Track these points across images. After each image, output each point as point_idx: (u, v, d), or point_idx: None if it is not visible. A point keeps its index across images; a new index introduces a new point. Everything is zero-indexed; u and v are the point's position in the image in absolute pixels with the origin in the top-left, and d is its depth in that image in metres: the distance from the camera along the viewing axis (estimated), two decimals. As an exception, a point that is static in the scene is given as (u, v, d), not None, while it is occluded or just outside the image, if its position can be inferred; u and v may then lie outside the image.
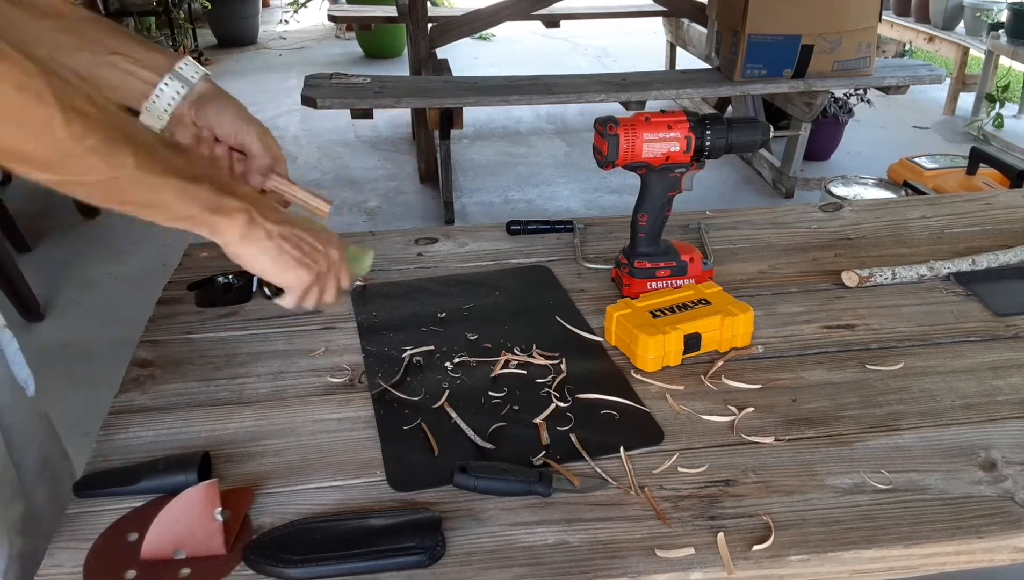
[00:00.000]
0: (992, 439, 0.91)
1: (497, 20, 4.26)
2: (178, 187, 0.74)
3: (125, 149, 0.69)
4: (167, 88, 0.93)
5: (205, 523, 0.76)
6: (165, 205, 0.75)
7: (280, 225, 0.83)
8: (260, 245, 0.82)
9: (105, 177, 0.69)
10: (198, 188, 0.76)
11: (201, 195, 0.77)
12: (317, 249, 0.87)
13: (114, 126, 0.69)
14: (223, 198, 0.78)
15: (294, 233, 0.85)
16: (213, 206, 0.78)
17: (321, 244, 0.87)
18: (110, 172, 0.69)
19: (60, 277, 3.17)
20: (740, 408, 0.96)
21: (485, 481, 0.82)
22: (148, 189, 0.73)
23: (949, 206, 1.51)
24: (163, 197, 0.74)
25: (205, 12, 6.48)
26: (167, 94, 0.93)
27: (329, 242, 0.89)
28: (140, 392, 1.00)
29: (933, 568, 0.79)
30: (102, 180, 0.69)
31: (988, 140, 4.48)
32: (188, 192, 0.76)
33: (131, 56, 0.92)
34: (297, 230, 0.85)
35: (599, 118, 1.12)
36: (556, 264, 1.30)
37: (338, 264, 0.90)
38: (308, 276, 0.86)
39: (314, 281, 0.87)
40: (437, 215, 3.68)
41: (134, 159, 0.70)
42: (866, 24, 3.47)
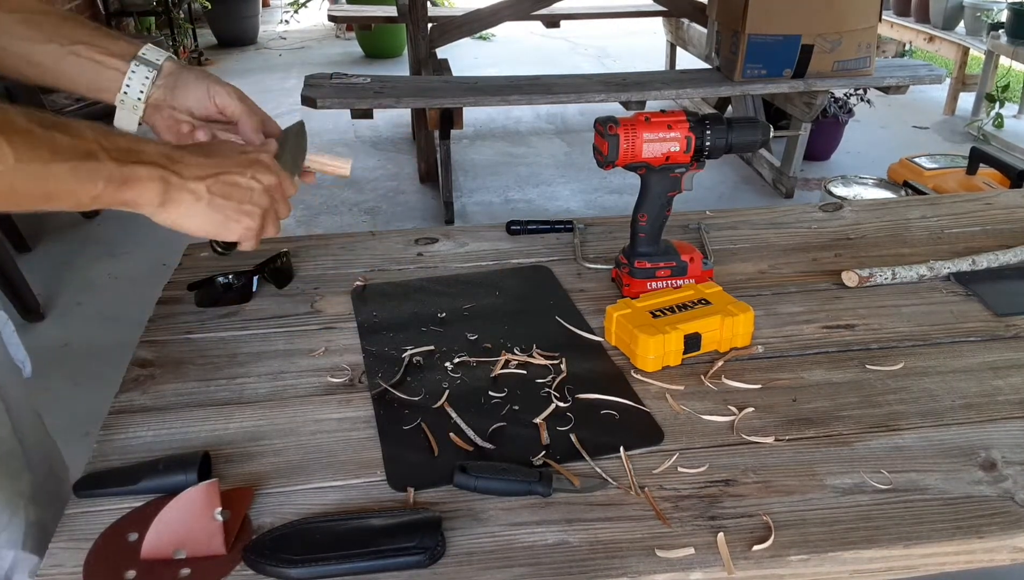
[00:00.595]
0: (992, 439, 0.91)
1: (497, 20, 4.26)
2: (71, 169, 0.69)
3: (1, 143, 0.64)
4: (135, 75, 0.90)
5: (205, 523, 0.76)
6: (64, 192, 0.69)
7: (204, 179, 0.78)
8: (187, 208, 0.77)
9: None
10: (94, 165, 0.70)
11: (100, 171, 0.71)
12: (252, 187, 0.81)
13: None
14: (127, 168, 0.72)
15: (222, 182, 0.79)
16: (119, 179, 0.72)
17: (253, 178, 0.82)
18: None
19: (60, 277, 3.17)
20: (740, 408, 0.96)
21: (485, 481, 0.82)
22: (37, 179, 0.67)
23: (949, 206, 1.51)
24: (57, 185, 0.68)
25: (205, 12, 6.48)
26: (136, 81, 0.90)
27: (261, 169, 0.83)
28: (140, 392, 1.00)
29: (933, 568, 0.79)
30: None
31: (988, 140, 4.48)
32: (84, 172, 0.70)
33: (94, 45, 0.90)
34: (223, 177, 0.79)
35: (599, 118, 1.12)
36: (556, 264, 1.30)
37: (276, 187, 0.84)
38: (253, 223, 0.81)
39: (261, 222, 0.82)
40: (437, 215, 3.68)
41: (12, 150, 0.65)
42: (866, 24, 3.47)
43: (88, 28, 0.91)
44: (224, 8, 6.49)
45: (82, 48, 0.89)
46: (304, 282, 1.25)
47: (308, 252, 1.33)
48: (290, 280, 1.25)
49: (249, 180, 0.81)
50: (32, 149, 0.66)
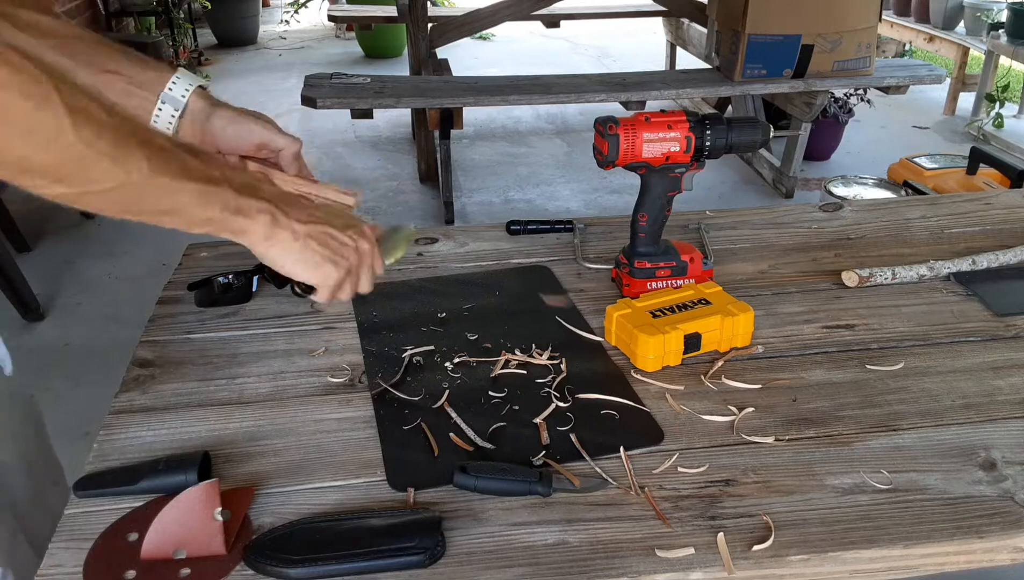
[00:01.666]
0: (992, 439, 0.91)
1: (497, 20, 4.26)
2: (196, 190, 0.72)
3: (138, 152, 0.67)
4: (162, 112, 0.92)
5: (205, 523, 0.76)
6: (183, 209, 0.73)
7: (306, 224, 0.82)
8: (285, 245, 0.80)
9: (119, 183, 0.67)
10: (217, 190, 0.74)
11: (220, 197, 0.75)
12: (346, 244, 0.85)
13: (125, 129, 0.67)
14: (244, 199, 0.76)
15: (321, 231, 0.83)
16: (234, 208, 0.76)
17: (350, 238, 0.86)
18: (124, 177, 0.67)
19: (60, 277, 3.17)
20: (740, 408, 0.96)
21: (485, 481, 0.82)
22: (164, 193, 0.71)
23: (949, 206, 1.51)
24: (181, 201, 0.72)
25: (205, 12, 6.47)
26: (163, 119, 0.92)
27: (359, 234, 0.87)
28: (140, 392, 1.00)
29: (933, 568, 0.79)
30: (116, 186, 0.67)
31: (988, 140, 4.48)
32: (206, 194, 0.73)
33: (123, 75, 0.91)
34: (325, 227, 0.83)
35: (599, 118, 1.12)
36: (556, 264, 1.30)
37: (368, 254, 0.88)
38: (337, 273, 0.85)
39: (344, 276, 0.86)
40: (437, 215, 3.68)
41: (147, 162, 0.68)
42: (866, 24, 3.46)
43: (119, 55, 0.92)
44: (224, 8, 6.48)
45: (112, 77, 0.90)
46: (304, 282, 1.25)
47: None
48: (290, 279, 1.24)
49: (345, 237, 0.85)
50: (166, 164, 0.69)
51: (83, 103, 0.64)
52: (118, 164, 0.66)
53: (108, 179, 0.66)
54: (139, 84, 0.92)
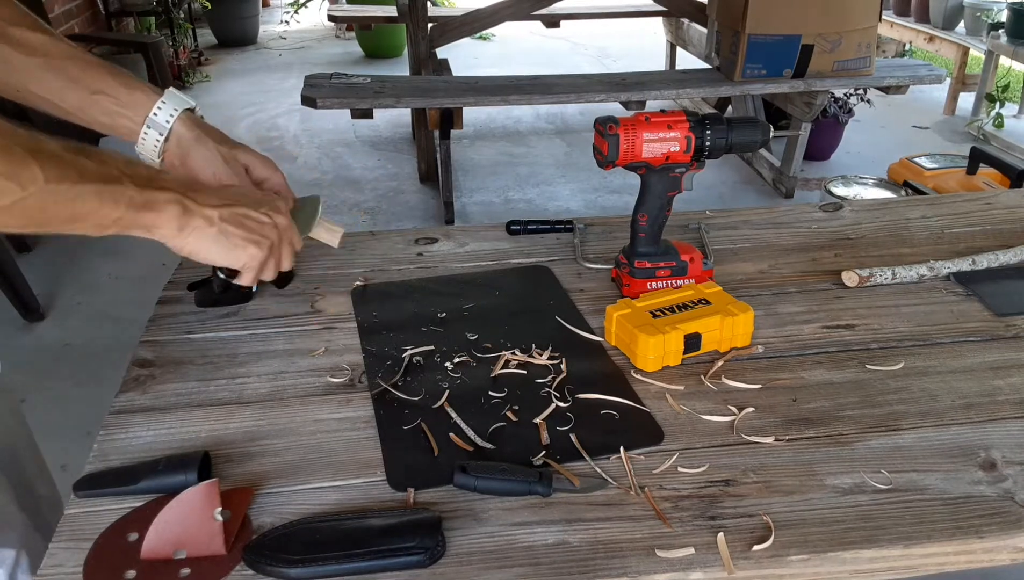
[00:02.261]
0: (992, 439, 0.91)
1: (497, 20, 4.26)
2: (96, 191, 0.72)
3: (32, 164, 0.67)
4: (147, 137, 0.92)
5: (205, 523, 0.76)
6: (87, 214, 0.72)
7: (219, 208, 0.81)
8: (200, 233, 0.80)
9: (16, 198, 0.66)
10: (118, 188, 0.73)
11: (123, 195, 0.74)
12: (263, 222, 0.85)
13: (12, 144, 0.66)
14: (148, 193, 0.75)
15: (235, 213, 0.82)
16: (139, 203, 0.75)
17: (266, 214, 0.85)
18: (20, 191, 0.66)
19: (60, 277, 3.17)
20: (740, 408, 0.96)
21: (485, 481, 0.82)
22: (65, 200, 0.70)
23: (949, 206, 1.51)
24: (83, 206, 0.71)
25: (205, 12, 6.48)
26: (148, 143, 0.93)
27: (274, 210, 0.87)
28: (140, 392, 1.00)
29: (933, 568, 0.79)
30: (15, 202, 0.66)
31: (988, 140, 4.48)
32: (108, 194, 0.73)
33: (111, 96, 0.91)
34: (238, 208, 0.83)
35: (599, 118, 1.12)
36: (556, 264, 1.30)
37: (287, 229, 0.88)
38: (260, 253, 0.85)
39: (266, 256, 0.86)
40: (437, 215, 3.68)
41: (42, 172, 0.67)
42: (866, 24, 3.47)
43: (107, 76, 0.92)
44: (224, 8, 6.49)
45: (100, 98, 0.91)
46: (304, 282, 1.25)
47: (308, 252, 1.33)
48: (290, 280, 1.25)
49: (261, 214, 0.85)
50: (60, 171, 0.69)
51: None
52: (11, 180, 0.66)
53: (4, 196, 0.66)
54: (126, 105, 0.92)
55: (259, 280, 0.90)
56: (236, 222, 0.82)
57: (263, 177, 1.00)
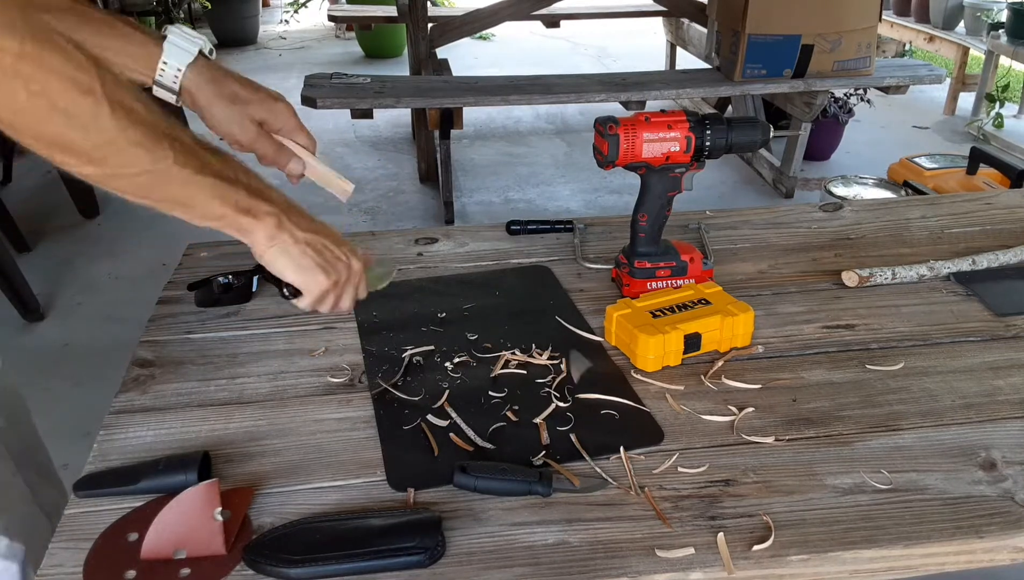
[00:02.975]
0: (992, 439, 0.91)
1: (497, 20, 4.26)
2: (213, 186, 0.77)
3: (165, 144, 0.72)
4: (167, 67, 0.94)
5: (205, 523, 0.76)
6: (199, 203, 0.77)
7: (307, 232, 0.86)
8: (284, 248, 0.84)
9: (145, 170, 0.72)
10: (233, 189, 0.79)
11: (234, 196, 0.79)
12: (340, 258, 0.89)
13: (155, 123, 0.72)
14: (254, 201, 0.81)
15: (319, 241, 0.87)
16: (244, 208, 0.80)
17: (344, 254, 0.90)
18: (151, 165, 0.71)
19: (60, 277, 3.17)
20: (740, 408, 0.96)
21: (485, 481, 0.82)
22: (184, 185, 0.75)
23: (949, 206, 1.51)
24: (198, 195, 0.77)
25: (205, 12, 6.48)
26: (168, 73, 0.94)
27: (352, 253, 0.91)
28: (140, 392, 1.00)
29: (933, 568, 0.79)
30: (141, 172, 0.72)
31: (988, 140, 4.48)
32: (222, 192, 0.78)
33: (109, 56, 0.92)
34: (323, 239, 0.88)
35: (599, 118, 1.12)
36: (556, 264, 1.30)
37: (358, 274, 0.92)
38: (327, 282, 0.88)
39: (331, 287, 0.89)
40: (437, 215, 3.68)
41: (173, 154, 0.72)
42: (866, 24, 3.46)
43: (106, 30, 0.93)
44: (224, 8, 6.48)
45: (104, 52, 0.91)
46: (304, 282, 1.25)
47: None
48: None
49: (340, 251, 0.90)
50: (188, 157, 0.74)
51: (122, 94, 0.69)
52: (147, 153, 0.71)
53: (136, 165, 0.71)
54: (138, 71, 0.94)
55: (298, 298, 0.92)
56: (317, 248, 0.87)
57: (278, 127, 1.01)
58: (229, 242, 0.88)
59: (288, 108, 1.01)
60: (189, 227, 0.82)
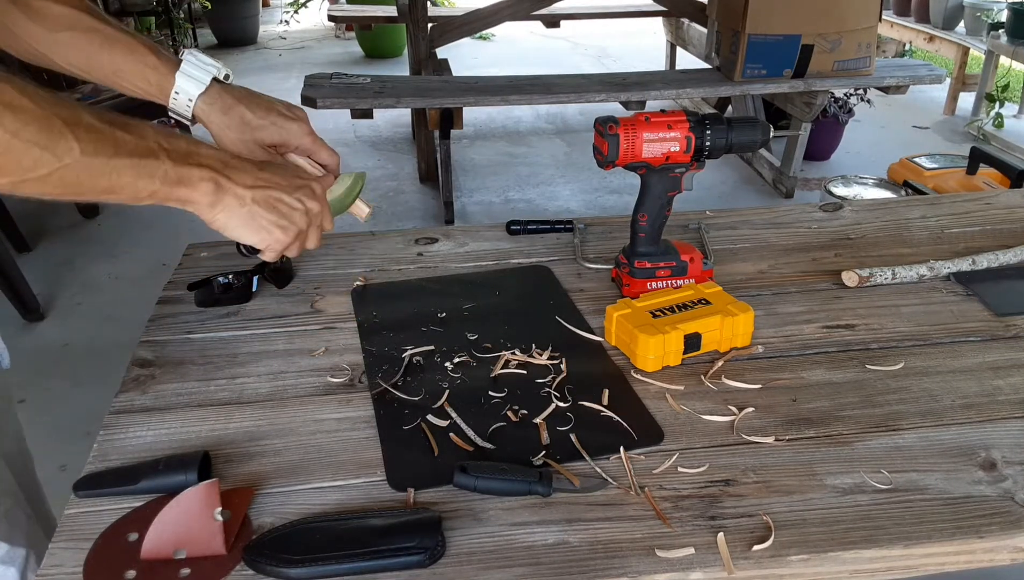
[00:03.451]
0: (992, 439, 0.91)
1: (497, 20, 4.26)
2: (132, 165, 0.73)
3: (67, 136, 0.68)
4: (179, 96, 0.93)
5: (205, 523, 0.76)
6: (123, 186, 0.73)
7: (252, 188, 0.82)
8: (231, 211, 0.81)
9: (53, 168, 0.67)
10: (155, 163, 0.74)
11: (159, 169, 0.75)
12: (295, 207, 0.86)
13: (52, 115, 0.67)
14: (184, 169, 0.76)
15: (268, 196, 0.83)
16: (175, 179, 0.76)
17: (298, 200, 0.86)
18: (56, 162, 0.67)
19: (60, 277, 3.17)
20: (740, 408, 0.96)
21: (485, 481, 0.82)
22: (101, 173, 0.71)
23: (949, 206, 1.51)
24: (119, 179, 0.72)
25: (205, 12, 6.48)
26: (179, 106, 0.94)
27: (308, 195, 0.87)
28: (140, 392, 1.00)
29: (933, 568, 0.79)
30: (51, 172, 0.68)
31: (988, 140, 4.48)
32: (144, 168, 0.74)
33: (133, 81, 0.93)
34: (272, 191, 0.83)
35: (599, 118, 1.12)
36: (556, 264, 1.30)
37: (318, 214, 0.89)
38: (285, 237, 0.86)
39: (291, 240, 0.86)
40: (437, 215, 3.68)
41: (79, 144, 0.68)
42: (866, 24, 3.47)
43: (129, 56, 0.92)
44: (224, 8, 6.49)
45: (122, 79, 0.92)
46: (304, 282, 1.25)
47: (308, 252, 1.33)
48: (290, 280, 1.25)
49: (293, 200, 0.85)
50: (97, 144, 0.70)
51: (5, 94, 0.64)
52: (47, 151, 0.67)
53: (41, 166, 0.67)
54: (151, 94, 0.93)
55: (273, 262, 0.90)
56: (267, 205, 0.83)
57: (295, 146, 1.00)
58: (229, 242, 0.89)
59: (302, 127, 1.00)
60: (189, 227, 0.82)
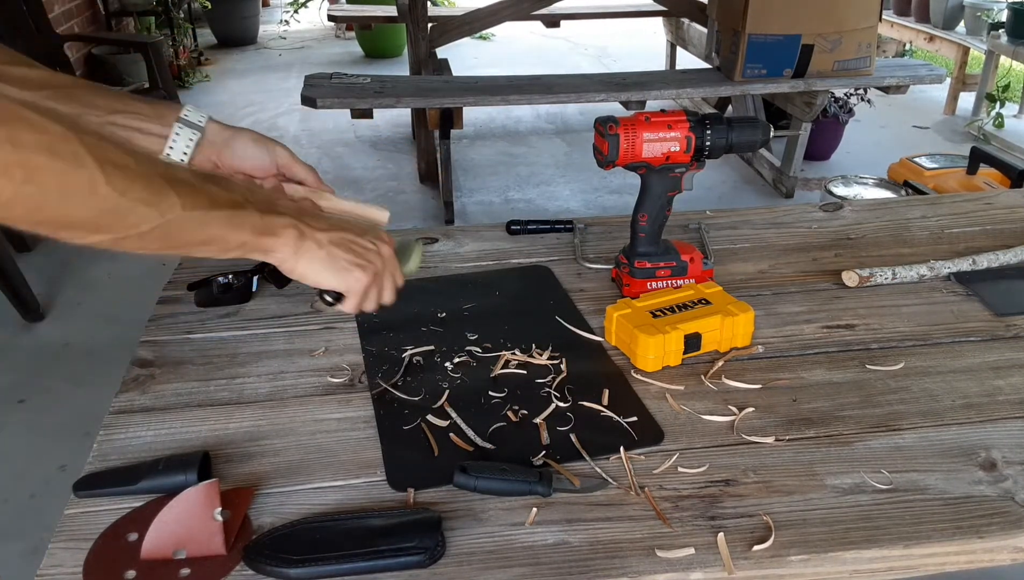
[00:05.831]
0: (992, 439, 0.91)
1: (497, 20, 4.25)
2: (226, 217, 0.74)
3: (170, 192, 0.68)
4: (179, 137, 0.94)
5: (205, 523, 0.76)
6: (218, 238, 0.75)
7: (329, 232, 0.83)
8: (312, 255, 0.82)
9: (155, 225, 0.68)
10: (245, 214, 0.76)
11: (249, 220, 0.76)
12: (368, 249, 0.87)
13: (153, 173, 0.68)
14: (269, 218, 0.78)
15: (344, 237, 0.85)
16: (261, 228, 0.77)
17: (371, 243, 0.87)
18: (159, 218, 0.68)
19: (60, 277, 3.17)
20: (740, 408, 0.96)
21: (485, 481, 0.82)
22: (199, 226, 0.72)
23: (949, 206, 1.51)
24: (215, 231, 0.74)
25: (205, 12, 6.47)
26: (180, 142, 0.94)
27: (379, 239, 0.89)
28: (140, 392, 1.00)
29: (933, 568, 0.79)
30: (153, 228, 0.68)
31: (988, 140, 4.48)
32: (236, 220, 0.75)
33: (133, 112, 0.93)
34: (346, 234, 0.85)
35: (599, 118, 1.12)
36: (556, 264, 1.30)
37: (391, 261, 0.90)
38: (365, 277, 0.86)
39: (371, 281, 0.87)
40: (437, 215, 3.68)
41: (180, 200, 0.69)
42: (866, 24, 3.46)
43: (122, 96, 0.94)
44: (224, 8, 6.48)
45: (120, 117, 0.92)
46: (304, 282, 1.25)
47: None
48: (290, 280, 1.24)
49: (366, 241, 0.87)
50: (195, 198, 0.71)
51: (111, 154, 0.64)
52: (152, 207, 0.67)
53: (145, 222, 0.68)
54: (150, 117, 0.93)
55: None
56: (344, 246, 0.84)
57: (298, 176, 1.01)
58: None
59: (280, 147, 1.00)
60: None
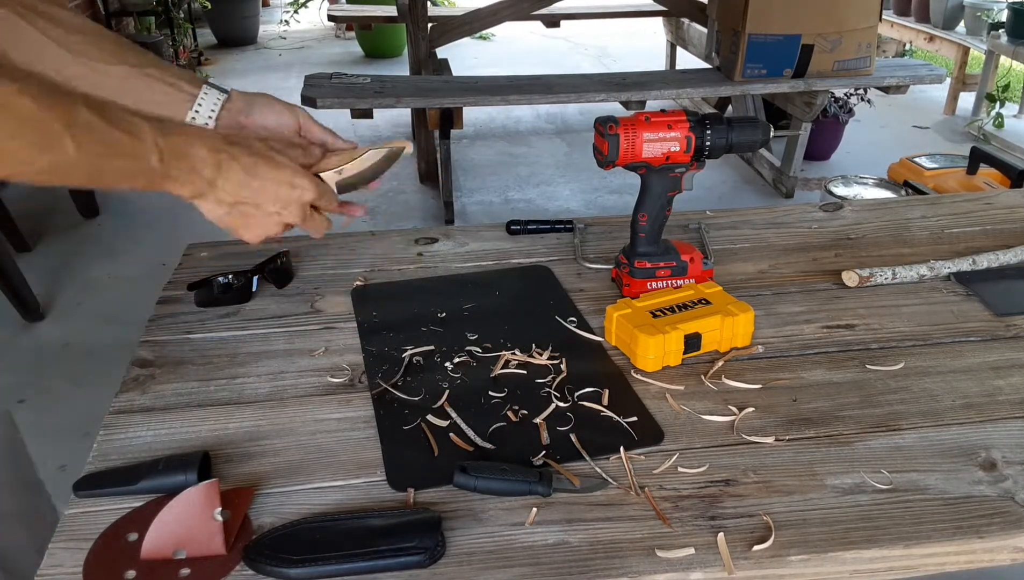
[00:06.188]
0: (992, 439, 0.91)
1: (497, 20, 4.25)
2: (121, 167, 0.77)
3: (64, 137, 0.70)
4: (207, 97, 0.98)
5: (205, 523, 0.76)
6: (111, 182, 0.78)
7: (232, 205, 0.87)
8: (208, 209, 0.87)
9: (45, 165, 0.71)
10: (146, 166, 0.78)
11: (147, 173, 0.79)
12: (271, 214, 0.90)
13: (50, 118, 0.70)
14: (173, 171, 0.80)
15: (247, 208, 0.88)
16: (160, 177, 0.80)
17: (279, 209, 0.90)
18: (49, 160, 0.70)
19: (60, 277, 3.17)
20: (740, 408, 0.96)
21: (485, 481, 0.82)
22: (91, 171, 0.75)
23: (949, 206, 1.51)
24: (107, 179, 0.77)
25: (205, 12, 6.47)
26: (208, 103, 0.98)
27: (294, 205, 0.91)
28: (140, 392, 1.00)
29: (933, 568, 0.79)
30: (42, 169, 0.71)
31: (988, 140, 4.48)
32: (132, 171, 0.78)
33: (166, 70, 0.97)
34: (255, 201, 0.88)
35: (599, 118, 1.12)
36: (556, 264, 1.30)
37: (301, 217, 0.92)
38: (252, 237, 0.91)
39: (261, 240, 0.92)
40: (437, 215, 3.68)
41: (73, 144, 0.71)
42: (866, 24, 3.47)
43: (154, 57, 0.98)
44: (224, 8, 6.48)
45: (155, 71, 0.96)
46: (304, 282, 1.25)
47: (308, 252, 1.33)
48: (290, 280, 1.25)
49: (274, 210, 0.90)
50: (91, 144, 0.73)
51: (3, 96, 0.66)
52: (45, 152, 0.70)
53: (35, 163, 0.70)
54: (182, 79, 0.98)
55: None
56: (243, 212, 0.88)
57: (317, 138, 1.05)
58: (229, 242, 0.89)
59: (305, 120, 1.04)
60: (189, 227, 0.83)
